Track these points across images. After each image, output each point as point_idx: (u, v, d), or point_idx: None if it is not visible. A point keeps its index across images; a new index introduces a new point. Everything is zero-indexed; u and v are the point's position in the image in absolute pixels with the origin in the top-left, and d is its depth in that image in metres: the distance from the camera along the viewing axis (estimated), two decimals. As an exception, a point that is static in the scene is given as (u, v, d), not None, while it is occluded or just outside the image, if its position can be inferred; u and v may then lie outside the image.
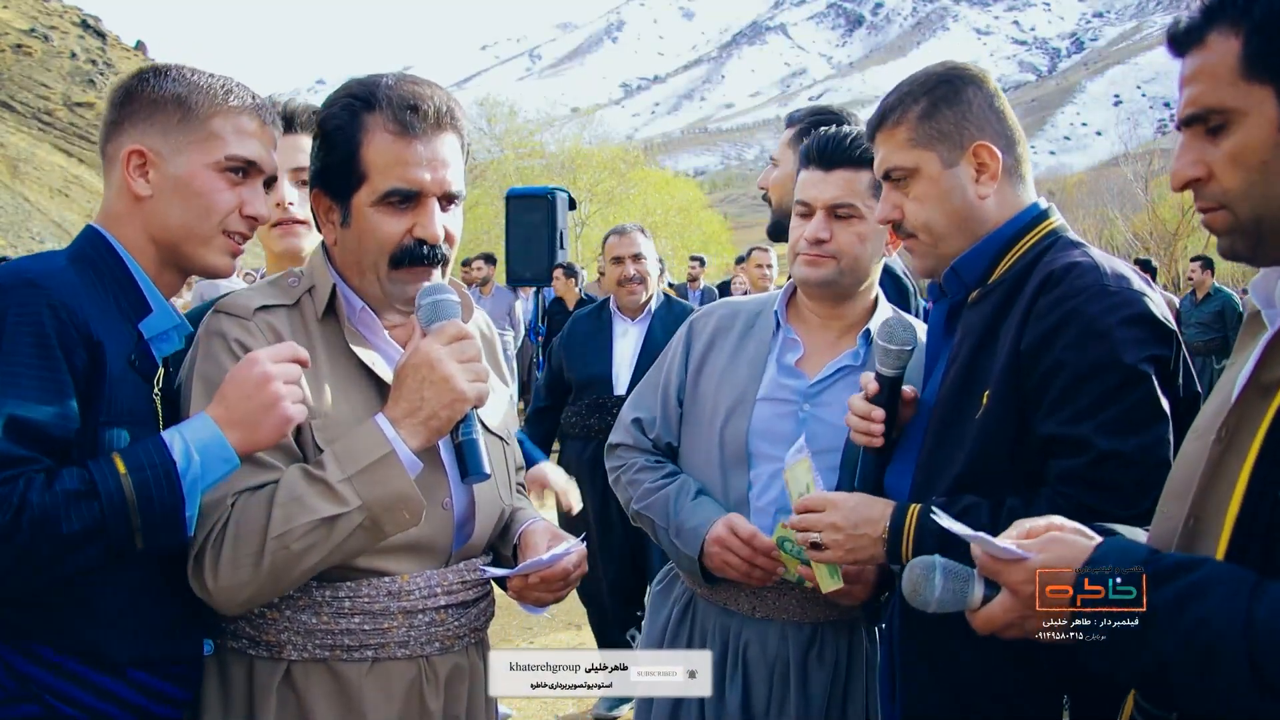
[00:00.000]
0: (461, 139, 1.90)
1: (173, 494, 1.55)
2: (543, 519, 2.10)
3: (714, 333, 2.49)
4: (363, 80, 1.87)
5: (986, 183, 1.96)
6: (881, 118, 2.03)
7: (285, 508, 1.65)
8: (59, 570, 1.51)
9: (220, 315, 1.82)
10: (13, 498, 1.46)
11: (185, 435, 1.60)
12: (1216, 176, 1.34)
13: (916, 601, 1.50)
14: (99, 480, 1.52)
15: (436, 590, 1.85)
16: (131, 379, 1.70)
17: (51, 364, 1.55)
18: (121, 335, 1.69)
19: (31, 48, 37.22)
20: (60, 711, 1.62)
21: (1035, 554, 1.38)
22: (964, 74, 2.01)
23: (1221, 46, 1.31)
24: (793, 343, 2.41)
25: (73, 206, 29.14)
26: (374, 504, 1.67)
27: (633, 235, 5.09)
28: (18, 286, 1.57)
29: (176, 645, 1.75)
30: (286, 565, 1.65)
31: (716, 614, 2.36)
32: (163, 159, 1.75)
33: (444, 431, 1.76)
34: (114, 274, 1.73)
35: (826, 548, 1.96)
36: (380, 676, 1.80)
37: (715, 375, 2.42)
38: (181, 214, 1.76)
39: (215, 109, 1.78)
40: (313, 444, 1.77)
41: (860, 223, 2.31)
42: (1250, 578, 1.21)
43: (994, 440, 1.83)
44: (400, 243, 1.83)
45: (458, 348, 1.77)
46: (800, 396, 2.36)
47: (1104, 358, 1.74)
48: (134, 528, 1.53)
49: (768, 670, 2.30)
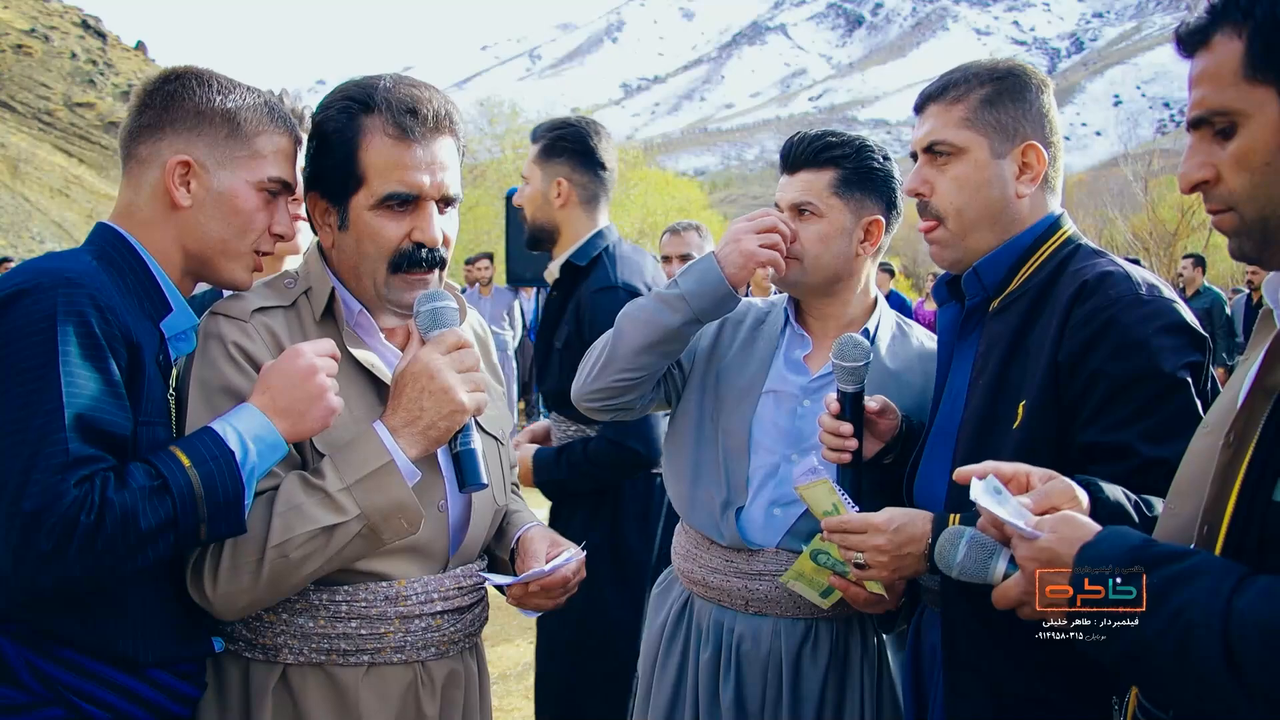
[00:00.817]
0: (459, 142, 1.90)
1: (235, 484, 1.59)
2: (539, 523, 2.10)
3: (726, 322, 2.49)
4: (360, 82, 1.86)
5: (1027, 183, 1.97)
6: (942, 89, 2.02)
7: (284, 516, 1.65)
8: (133, 564, 1.53)
9: (218, 317, 1.82)
10: (94, 496, 1.48)
11: (236, 426, 1.62)
12: (1224, 179, 1.34)
13: (940, 565, 1.55)
14: (168, 475, 1.55)
15: (433, 595, 1.85)
16: (158, 378, 1.71)
17: (103, 363, 1.56)
18: (150, 335, 1.71)
19: (31, 48, 37.20)
20: (85, 712, 1.63)
21: (1044, 533, 1.39)
22: (1032, 74, 2.02)
23: (1225, 48, 1.31)
24: (800, 338, 2.43)
25: (73, 206, 29.12)
26: (373, 513, 1.68)
27: (685, 235, 4.88)
28: (59, 285, 1.56)
29: (192, 645, 1.76)
30: (285, 573, 1.66)
31: (712, 611, 2.37)
32: (207, 172, 1.76)
33: (442, 441, 1.77)
34: (136, 274, 1.73)
35: (870, 567, 1.95)
36: (376, 681, 1.80)
37: (723, 360, 2.44)
38: (220, 228, 1.78)
39: (261, 128, 1.80)
40: (311, 446, 1.77)
41: (820, 221, 2.32)
42: (1238, 569, 1.21)
43: (1035, 452, 1.79)
44: (399, 246, 1.83)
45: (457, 357, 1.77)
46: (801, 391, 2.37)
47: (1143, 367, 1.75)
48: (200, 519, 1.56)
49: (761, 667, 2.31)
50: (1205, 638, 1.18)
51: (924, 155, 2.03)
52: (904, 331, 2.50)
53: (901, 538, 1.90)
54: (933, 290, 2.23)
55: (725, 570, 2.35)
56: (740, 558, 2.33)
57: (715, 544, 2.36)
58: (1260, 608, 1.16)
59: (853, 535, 1.95)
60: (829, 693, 2.30)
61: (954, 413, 2.03)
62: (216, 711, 1.80)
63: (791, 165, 2.36)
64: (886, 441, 2.21)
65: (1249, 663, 1.15)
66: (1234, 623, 1.16)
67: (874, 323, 2.43)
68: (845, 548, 1.97)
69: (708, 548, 2.37)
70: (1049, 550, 1.38)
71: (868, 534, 1.93)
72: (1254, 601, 1.17)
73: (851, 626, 2.35)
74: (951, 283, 2.13)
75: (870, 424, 2.19)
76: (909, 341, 2.48)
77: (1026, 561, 1.40)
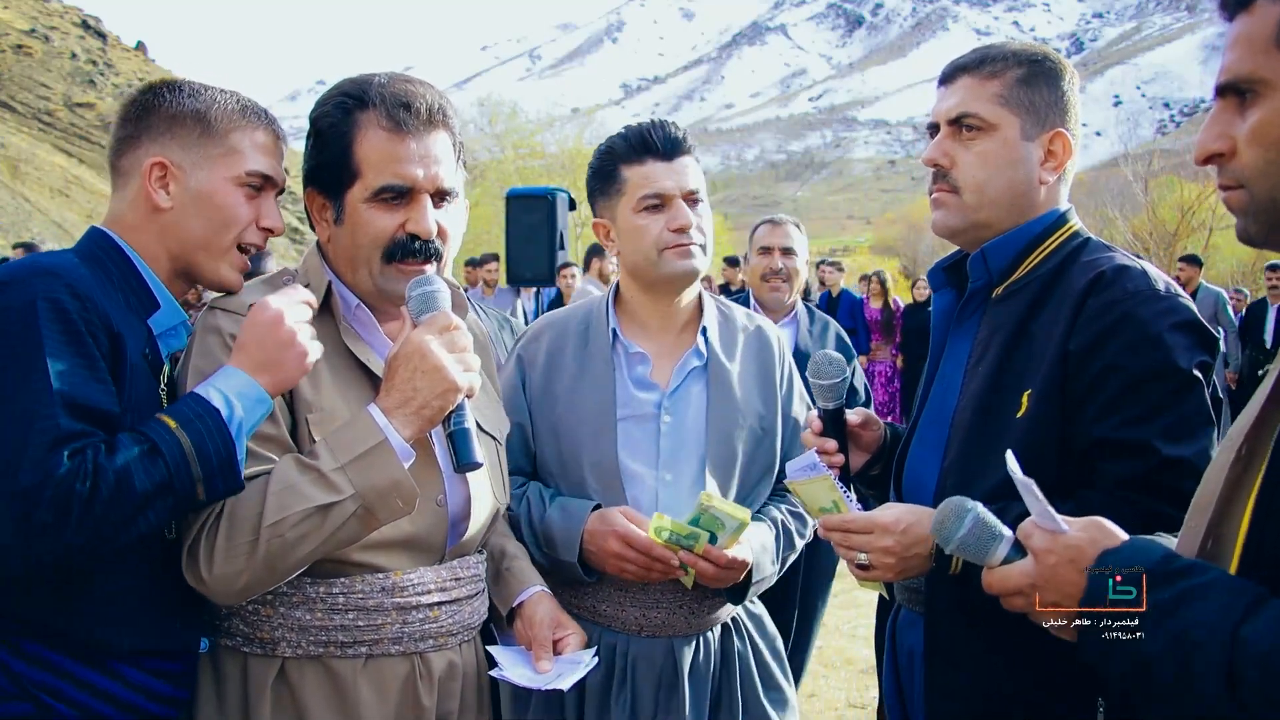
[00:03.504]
0: (453, 137, 1.92)
1: (225, 440, 1.60)
2: (543, 587, 2.09)
3: (549, 356, 2.40)
4: (355, 79, 1.88)
5: (1050, 171, 1.94)
6: (979, 62, 1.96)
7: (279, 496, 1.65)
8: (133, 529, 1.55)
9: (216, 311, 1.83)
10: (87, 465, 1.50)
11: (219, 386, 1.64)
12: (1239, 152, 1.25)
13: (939, 536, 1.49)
14: (157, 439, 1.57)
15: (430, 587, 1.86)
16: (145, 372, 1.73)
17: (83, 346, 1.60)
18: (136, 329, 1.73)
19: (32, 48, 37.20)
20: (54, 709, 1.63)
21: (1072, 530, 1.35)
22: (1065, 63, 2.00)
23: (1264, 13, 1.22)
24: (638, 355, 2.37)
25: (73, 206, 29.12)
26: (367, 492, 1.67)
27: (786, 227, 4.68)
28: (38, 276, 1.61)
29: (168, 638, 1.75)
30: (281, 553, 1.65)
31: (602, 635, 2.28)
32: (184, 172, 1.80)
33: (436, 421, 1.75)
34: (122, 271, 1.77)
35: (874, 568, 1.91)
36: (374, 673, 1.81)
37: (563, 401, 2.34)
38: (201, 226, 1.81)
39: (233, 124, 1.83)
40: (308, 438, 1.77)
41: (706, 206, 2.34)
42: (1252, 591, 1.16)
43: (1041, 442, 1.78)
44: (393, 237, 1.84)
45: (449, 338, 1.77)
46: (658, 408, 2.33)
47: (1160, 363, 1.73)
48: (196, 477, 1.58)
49: (654, 682, 2.28)
50: (1208, 660, 1.13)
51: (948, 127, 1.96)
52: (725, 316, 2.49)
53: (909, 539, 1.84)
54: (928, 275, 2.19)
55: (618, 600, 2.31)
56: (634, 587, 2.29)
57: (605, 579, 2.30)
58: (1268, 635, 1.10)
59: (856, 535, 1.90)
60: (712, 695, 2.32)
61: (947, 399, 1.99)
62: (215, 707, 1.80)
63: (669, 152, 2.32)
64: (872, 453, 2.20)
65: (1251, 691, 1.10)
66: (1239, 649, 1.11)
67: (707, 318, 2.41)
68: (846, 547, 1.93)
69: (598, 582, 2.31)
70: (1074, 547, 1.33)
71: (874, 534, 1.87)
72: (1262, 628, 1.11)
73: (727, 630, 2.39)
74: (950, 269, 2.10)
75: (854, 437, 2.17)
76: (733, 326, 2.47)
77: (1045, 554, 1.35)
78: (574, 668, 1.92)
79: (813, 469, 2.03)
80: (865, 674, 5.52)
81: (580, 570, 2.24)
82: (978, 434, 1.88)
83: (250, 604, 1.78)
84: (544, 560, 2.26)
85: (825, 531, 1.98)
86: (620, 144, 2.37)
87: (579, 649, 1.98)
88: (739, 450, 2.34)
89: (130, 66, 40.77)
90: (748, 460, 2.36)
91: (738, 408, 2.36)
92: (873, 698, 4.91)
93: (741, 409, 2.37)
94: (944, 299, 2.10)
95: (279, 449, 1.74)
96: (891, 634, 2.14)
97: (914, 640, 2.02)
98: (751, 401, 2.38)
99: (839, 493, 1.99)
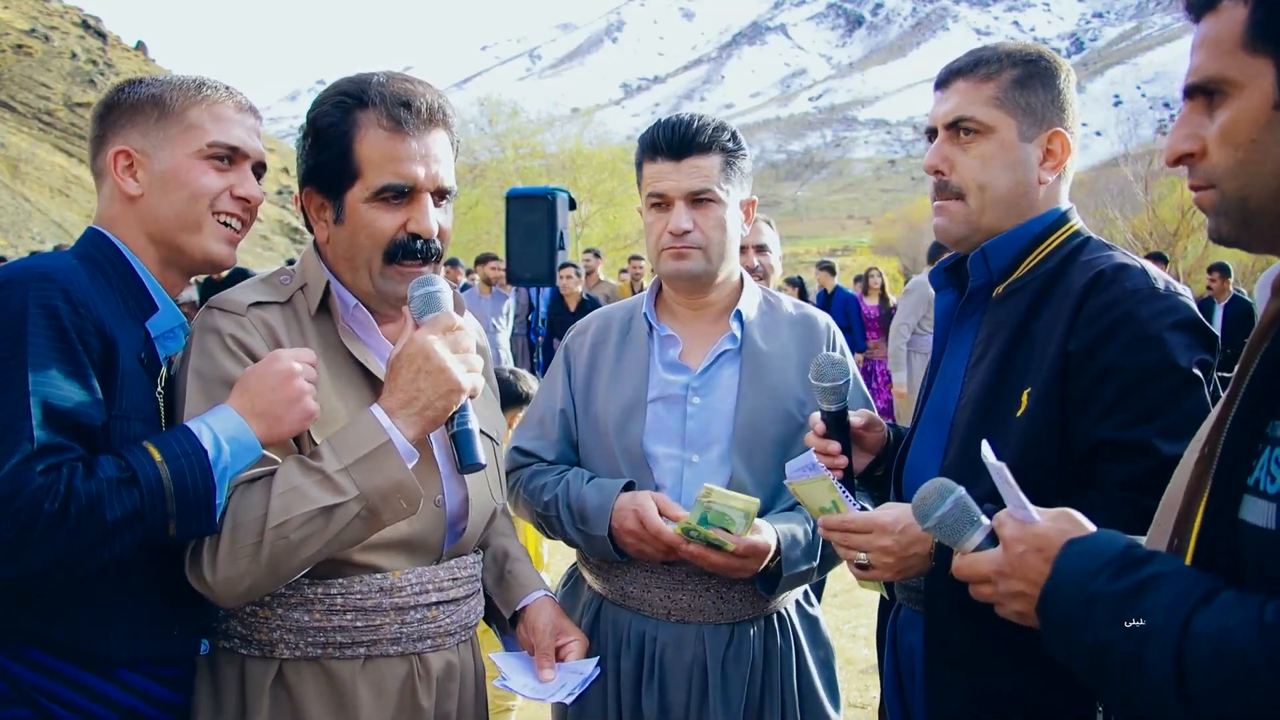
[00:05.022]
0: (452, 136, 1.91)
1: (206, 482, 1.58)
2: (546, 592, 2.10)
3: (592, 349, 2.45)
4: (353, 78, 1.88)
5: (1049, 171, 1.94)
6: (973, 65, 1.97)
7: (283, 498, 1.64)
8: (98, 557, 1.52)
9: (214, 311, 1.82)
10: (59, 485, 1.48)
11: (212, 426, 1.62)
12: (1209, 152, 1.27)
13: (917, 512, 1.48)
14: (138, 468, 1.54)
15: (428, 587, 1.86)
16: (140, 376, 1.72)
17: (72, 354, 1.58)
18: (132, 333, 1.72)
19: (32, 48, 37.21)
20: (52, 713, 1.62)
21: (1043, 520, 1.36)
22: (1062, 62, 1.99)
23: (1231, 14, 1.24)
24: (670, 339, 2.40)
25: (73, 206, 29.13)
26: (371, 493, 1.67)
27: (758, 224, 4.59)
28: (33, 279, 1.60)
29: (168, 645, 1.75)
30: (285, 555, 1.64)
31: (632, 620, 2.31)
32: (148, 157, 1.81)
33: (439, 422, 1.75)
34: (120, 273, 1.76)
35: (874, 567, 1.90)
36: (372, 674, 1.80)
37: (603, 389, 2.39)
38: (172, 205, 1.81)
39: (190, 101, 1.83)
40: (308, 439, 1.76)
41: (719, 207, 2.30)
42: (1208, 582, 1.17)
43: (1040, 441, 1.78)
44: (394, 237, 1.83)
45: (452, 339, 1.76)
46: (687, 390, 2.35)
47: (1159, 362, 1.73)
48: (169, 514, 1.56)
49: (685, 674, 2.27)
50: (1159, 649, 1.14)
51: (945, 132, 1.97)
52: (771, 305, 2.48)
53: (908, 538, 1.84)
54: (930, 275, 2.18)
55: (644, 582, 2.31)
56: (659, 569, 2.29)
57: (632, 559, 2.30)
58: (1215, 625, 1.12)
59: (856, 535, 1.90)
60: (753, 694, 2.29)
61: (948, 398, 1.99)
62: (213, 710, 1.80)
63: (676, 152, 2.30)
64: (876, 454, 2.19)
65: (1197, 682, 1.11)
66: (1189, 639, 1.12)
67: (744, 303, 2.41)
68: (846, 547, 1.93)
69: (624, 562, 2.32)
70: (1041, 536, 1.34)
71: (873, 534, 1.87)
72: (1210, 619, 1.12)
73: (771, 624, 2.35)
74: (951, 269, 2.10)
75: (858, 439, 2.16)
76: (778, 314, 2.46)
77: (1014, 541, 1.36)
78: (576, 677, 1.92)
79: (812, 469, 2.03)
80: (865, 674, 5.51)
81: (611, 546, 2.25)
82: (978, 433, 1.86)
83: (248, 605, 1.77)
84: (578, 537, 2.29)
85: (825, 532, 1.97)
86: (643, 138, 2.40)
87: (581, 657, 1.98)
88: (769, 434, 2.33)
89: (130, 66, 40.78)
90: (779, 444, 2.33)
91: (772, 392, 2.35)
92: (873, 698, 4.91)
93: (778, 393, 2.35)
94: (945, 299, 2.10)
95: (281, 450, 1.73)
96: (892, 633, 2.14)
97: (914, 640, 2.02)
98: (791, 387, 2.36)
99: (838, 493, 1.99)
